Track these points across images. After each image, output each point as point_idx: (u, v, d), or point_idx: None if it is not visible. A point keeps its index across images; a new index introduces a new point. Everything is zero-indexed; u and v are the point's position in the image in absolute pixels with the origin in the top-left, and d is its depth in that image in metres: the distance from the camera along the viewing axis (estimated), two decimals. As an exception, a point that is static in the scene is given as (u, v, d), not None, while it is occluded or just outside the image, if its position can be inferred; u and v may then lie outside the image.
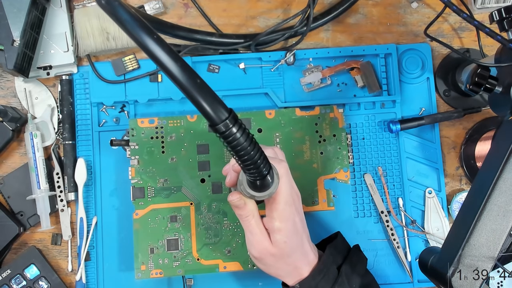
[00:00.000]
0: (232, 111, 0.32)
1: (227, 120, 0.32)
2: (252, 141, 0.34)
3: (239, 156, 0.34)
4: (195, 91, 0.31)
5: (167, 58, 0.30)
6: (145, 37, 0.29)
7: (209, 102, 0.31)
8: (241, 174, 0.43)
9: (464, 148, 0.67)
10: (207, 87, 0.31)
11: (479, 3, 0.67)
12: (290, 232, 0.48)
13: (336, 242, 0.54)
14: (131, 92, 0.64)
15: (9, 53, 0.58)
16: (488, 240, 0.43)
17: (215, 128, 0.32)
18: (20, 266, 0.62)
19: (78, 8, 0.64)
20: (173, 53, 0.30)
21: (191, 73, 0.30)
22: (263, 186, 0.40)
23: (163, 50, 0.30)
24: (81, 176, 0.63)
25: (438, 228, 0.65)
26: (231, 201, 0.47)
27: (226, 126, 0.32)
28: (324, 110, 0.63)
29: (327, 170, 0.62)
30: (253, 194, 0.42)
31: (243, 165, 0.35)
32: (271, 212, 0.48)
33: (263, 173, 0.37)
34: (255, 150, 0.34)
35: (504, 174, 0.44)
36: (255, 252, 0.49)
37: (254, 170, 0.36)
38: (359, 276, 0.51)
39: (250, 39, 0.65)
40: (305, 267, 0.50)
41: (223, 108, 0.32)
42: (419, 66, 0.67)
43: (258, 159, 0.35)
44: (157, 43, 0.30)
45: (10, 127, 0.63)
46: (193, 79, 0.31)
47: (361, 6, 0.68)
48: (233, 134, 0.32)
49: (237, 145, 0.33)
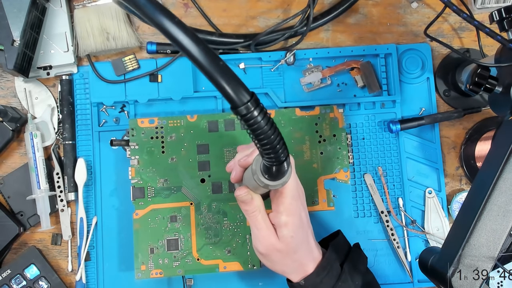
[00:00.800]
0: (254, 94, 0.32)
1: (248, 103, 0.32)
2: (272, 125, 0.33)
3: (259, 140, 0.34)
4: (217, 73, 0.31)
5: (189, 41, 0.30)
6: (165, 21, 0.29)
7: (231, 84, 0.31)
8: (255, 163, 0.42)
9: (464, 148, 0.67)
10: (230, 70, 0.31)
11: (479, 3, 0.67)
12: (296, 226, 0.48)
13: (338, 240, 0.54)
14: (131, 92, 0.64)
15: (9, 53, 0.58)
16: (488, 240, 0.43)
17: (237, 111, 0.32)
18: (20, 266, 0.62)
19: (78, 8, 0.64)
20: (195, 36, 0.30)
21: (213, 56, 0.31)
22: (278, 173, 0.40)
23: (185, 33, 0.30)
24: (81, 176, 0.63)
25: (438, 228, 0.65)
26: (238, 196, 0.47)
27: (248, 109, 0.32)
28: (324, 110, 0.63)
29: (327, 170, 0.62)
30: (267, 183, 0.41)
31: (262, 148, 0.35)
32: (278, 207, 0.48)
33: (281, 159, 0.36)
34: (275, 134, 0.34)
35: (504, 174, 0.44)
36: (261, 248, 0.49)
37: (273, 154, 0.35)
38: (361, 273, 0.52)
39: (250, 39, 0.65)
40: (310, 264, 0.50)
41: (245, 91, 0.32)
42: (419, 66, 0.67)
43: (278, 143, 0.35)
44: (178, 27, 0.30)
45: (10, 127, 0.63)
46: (215, 62, 0.31)
47: (361, 6, 0.68)
48: (255, 117, 0.32)
49: (258, 128, 0.33)
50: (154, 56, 0.66)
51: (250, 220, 0.49)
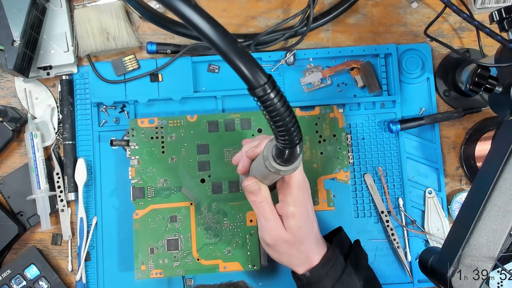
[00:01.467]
0: (271, 77, 0.33)
1: (266, 84, 0.32)
2: (288, 107, 0.34)
3: (275, 121, 0.34)
4: (235, 55, 0.31)
5: (206, 24, 0.30)
6: (182, 5, 0.30)
7: (249, 66, 0.32)
8: (266, 149, 0.42)
9: (464, 148, 0.67)
10: (247, 53, 0.32)
11: (479, 3, 0.67)
12: (303, 217, 0.49)
13: (341, 235, 0.54)
14: (131, 92, 0.64)
15: (9, 53, 0.58)
16: (488, 240, 0.43)
17: (254, 92, 0.33)
18: (20, 266, 0.62)
19: (78, 8, 0.64)
20: (212, 19, 0.31)
21: (231, 38, 0.31)
22: (291, 157, 0.40)
23: (202, 17, 0.30)
24: (81, 176, 0.63)
25: (438, 228, 0.65)
26: (247, 186, 0.48)
27: (264, 91, 0.32)
28: (324, 110, 0.63)
29: (327, 170, 0.62)
30: (279, 168, 0.41)
31: (278, 130, 0.35)
32: (285, 197, 0.48)
33: (295, 142, 0.37)
34: (291, 117, 0.34)
35: (504, 174, 0.44)
36: (269, 239, 0.50)
37: (287, 136, 0.36)
38: (364, 269, 0.52)
39: (250, 39, 0.65)
40: (316, 255, 0.50)
41: (262, 73, 0.32)
42: (419, 66, 0.67)
43: (293, 126, 0.35)
44: (195, 11, 0.30)
45: (10, 127, 0.63)
46: (233, 44, 0.31)
47: (361, 6, 0.68)
48: (271, 99, 0.33)
49: (274, 110, 0.33)
50: (154, 56, 0.66)
51: (258, 211, 0.50)
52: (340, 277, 0.50)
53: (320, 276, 0.50)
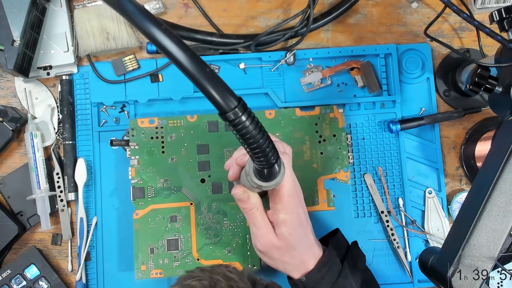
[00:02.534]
0: (241, 100, 0.32)
1: (236, 108, 0.32)
2: (261, 129, 0.34)
3: (248, 144, 0.34)
4: (204, 80, 0.31)
5: (175, 48, 0.30)
6: (152, 28, 0.30)
7: (218, 90, 0.32)
8: (248, 165, 0.43)
9: (464, 148, 0.67)
10: (216, 76, 0.32)
11: (479, 3, 0.67)
12: (294, 224, 0.48)
13: (338, 237, 0.54)
14: (131, 92, 0.64)
15: (9, 53, 0.58)
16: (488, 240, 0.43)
17: (225, 116, 0.32)
18: (20, 266, 0.62)
19: (78, 8, 0.64)
20: (181, 43, 0.30)
21: (200, 63, 0.31)
22: (270, 175, 0.40)
23: (171, 40, 0.30)
24: (81, 176, 0.63)
25: (438, 228, 0.65)
26: (235, 194, 0.48)
27: (236, 114, 0.32)
28: (324, 110, 0.63)
29: (327, 170, 0.62)
30: (260, 184, 0.42)
31: (252, 153, 0.35)
32: (275, 205, 0.48)
33: (271, 162, 0.37)
34: (264, 138, 0.34)
35: (504, 174, 0.44)
36: (260, 246, 0.50)
37: (262, 158, 0.36)
38: (361, 270, 0.52)
39: (250, 40, 0.65)
40: (311, 260, 0.50)
41: (232, 97, 0.32)
42: (419, 66, 0.67)
43: (267, 147, 0.35)
44: (165, 34, 0.30)
45: (10, 127, 0.63)
46: (202, 68, 0.31)
47: (361, 6, 0.68)
48: (243, 122, 0.33)
49: (246, 133, 0.33)
50: (154, 56, 0.66)
51: (248, 218, 0.49)
52: (336, 280, 0.49)
53: (316, 281, 0.49)
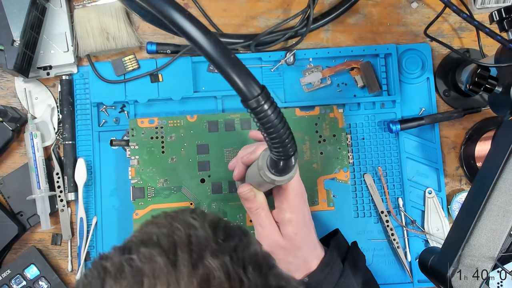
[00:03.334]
0: (264, 88, 0.32)
1: (259, 96, 0.32)
2: (282, 119, 0.34)
3: (269, 133, 0.34)
4: (228, 66, 0.31)
5: (200, 35, 0.30)
6: (176, 15, 0.30)
7: (242, 77, 0.32)
8: (261, 158, 0.42)
9: (464, 148, 0.67)
10: (241, 63, 0.32)
11: (479, 3, 0.67)
12: (300, 223, 0.48)
13: (338, 238, 0.54)
14: (131, 92, 0.64)
15: (9, 53, 0.58)
16: (488, 240, 0.43)
17: (247, 104, 0.32)
18: (20, 266, 0.62)
19: (78, 8, 0.64)
20: (206, 29, 0.30)
21: (224, 49, 0.31)
22: (285, 168, 0.39)
23: (196, 27, 0.30)
24: (81, 176, 0.63)
25: (438, 228, 0.65)
26: (242, 193, 0.48)
27: (258, 102, 0.32)
28: (324, 110, 0.63)
29: (327, 170, 0.62)
30: (274, 179, 0.41)
31: (272, 142, 0.35)
32: (281, 204, 0.48)
33: (289, 153, 0.36)
34: (285, 128, 0.34)
35: (504, 174, 0.44)
36: (265, 246, 0.49)
37: (281, 148, 0.36)
38: (361, 271, 0.52)
39: (250, 39, 0.65)
40: (313, 261, 0.50)
41: (256, 84, 0.32)
42: (419, 66, 0.67)
43: (287, 137, 0.35)
44: (189, 20, 0.30)
45: (10, 127, 0.63)
46: (227, 55, 0.31)
47: (361, 6, 0.68)
48: (265, 111, 0.32)
49: (268, 121, 0.33)
50: (154, 56, 0.66)
51: (254, 217, 0.49)
52: (338, 281, 0.49)
53: (319, 281, 0.49)
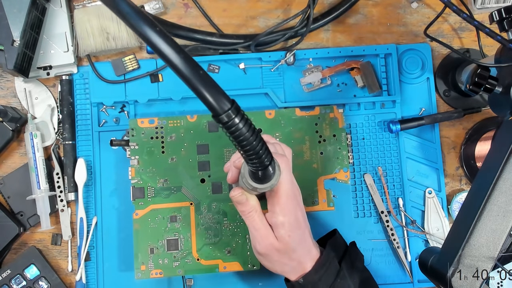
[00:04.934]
0: (234, 102, 0.33)
1: (229, 110, 0.32)
2: (254, 131, 0.34)
3: (242, 146, 0.34)
4: (198, 82, 0.31)
5: (169, 50, 0.30)
6: (147, 30, 0.30)
7: (212, 93, 0.32)
8: (243, 167, 0.43)
9: (464, 148, 0.67)
10: (210, 78, 0.32)
11: (479, 3, 0.67)
12: (293, 226, 0.48)
13: (336, 238, 0.54)
14: (131, 92, 0.64)
15: (9, 53, 0.58)
16: (488, 240, 0.43)
17: (218, 119, 0.32)
18: (20, 266, 0.62)
19: (78, 8, 0.64)
20: (176, 45, 0.30)
21: (193, 65, 0.31)
22: (264, 177, 0.40)
23: (166, 42, 0.30)
24: (81, 176, 0.63)
25: (438, 228, 0.65)
26: (233, 196, 0.48)
27: (229, 117, 0.32)
28: (324, 110, 0.63)
29: (327, 170, 0.62)
30: (255, 186, 0.42)
31: (245, 155, 0.36)
32: (273, 207, 0.48)
33: (265, 163, 0.37)
34: (257, 141, 0.34)
35: (504, 174, 0.44)
36: (260, 248, 0.49)
37: (256, 160, 0.36)
38: (359, 271, 0.52)
39: (250, 39, 0.65)
40: (308, 262, 0.50)
41: (226, 99, 0.32)
42: (419, 66, 0.67)
43: (260, 149, 0.35)
44: (160, 35, 0.30)
45: (10, 127, 0.63)
46: (196, 70, 0.31)
47: (361, 7, 0.68)
48: (236, 125, 0.33)
49: (240, 135, 0.33)
50: (154, 56, 0.66)
51: (247, 220, 0.49)
52: (334, 282, 0.49)
53: (313, 282, 0.49)
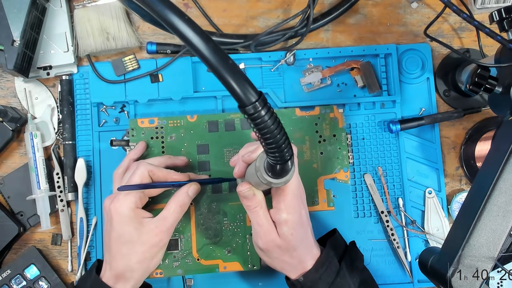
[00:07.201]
0: (261, 94, 0.32)
1: (256, 102, 0.32)
2: (279, 124, 0.34)
3: (265, 139, 0.34)
4: (226, 72, 0.31)
5: (198, 39, 0.30)
6: (175, 19, 0.30)
7: (239, 83, 0.32)
8: (259, 160, 0.43)
9: (464, 148, 0.67)
10: (238, 69, 0.32)
11: (479, 3, 0.67)
12: (296, 224, 0.49)
13: (336, 238, 0.54)
14: (131, 92, 0.64)
15: (9, 53, 0.58)
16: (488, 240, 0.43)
17: (244, 110, 0.32)
18: (20, 266, 0.62)
19: (78, 8, 0.64)
20: (204, 34, 0.30)
21: (222, 55, 0.31)
22: (282, 171, 0.40)
23: (194, 31, 0.30)
24: (81, 176, 0.63)
25: (438, 228, 0.65)
26: (241, 191, 0.48)
27: (255, 108, 0.32)
28: (324, 110, 0.63)
29: (327, 170, 0.62)
30: (270, 181, 0.42)
31: (268, 147, 0.35)
32: (279, 204, 0.48)
33: (286, 158, 0.37)
34: (281, 134, 0.34)
35: (504, 174, 0.44)
36: (262, 244, 0.50)
37: (278, 153, 0.36)
38: (359, 270, 0.52)
39: (250, 39, 0.65)
40: (309, 261, 0.50)
41: (253, 90, 0.32)
42: (419, 66, 0.67)
43: (283, 143, 0.35)
44: (188, 25, 0.30)
45: (10, 127, 0.63)
46: (224, 60, 0.31)
47: (361, 6, 0.68)
48: (262, 117, 0.33)
49: (264, 127, 0.33)
50: (154, 56, 0.66)
51: (252, 215, 0.49)
52: (334, 280, 0.50)
53: (314, 281, 0.49)
